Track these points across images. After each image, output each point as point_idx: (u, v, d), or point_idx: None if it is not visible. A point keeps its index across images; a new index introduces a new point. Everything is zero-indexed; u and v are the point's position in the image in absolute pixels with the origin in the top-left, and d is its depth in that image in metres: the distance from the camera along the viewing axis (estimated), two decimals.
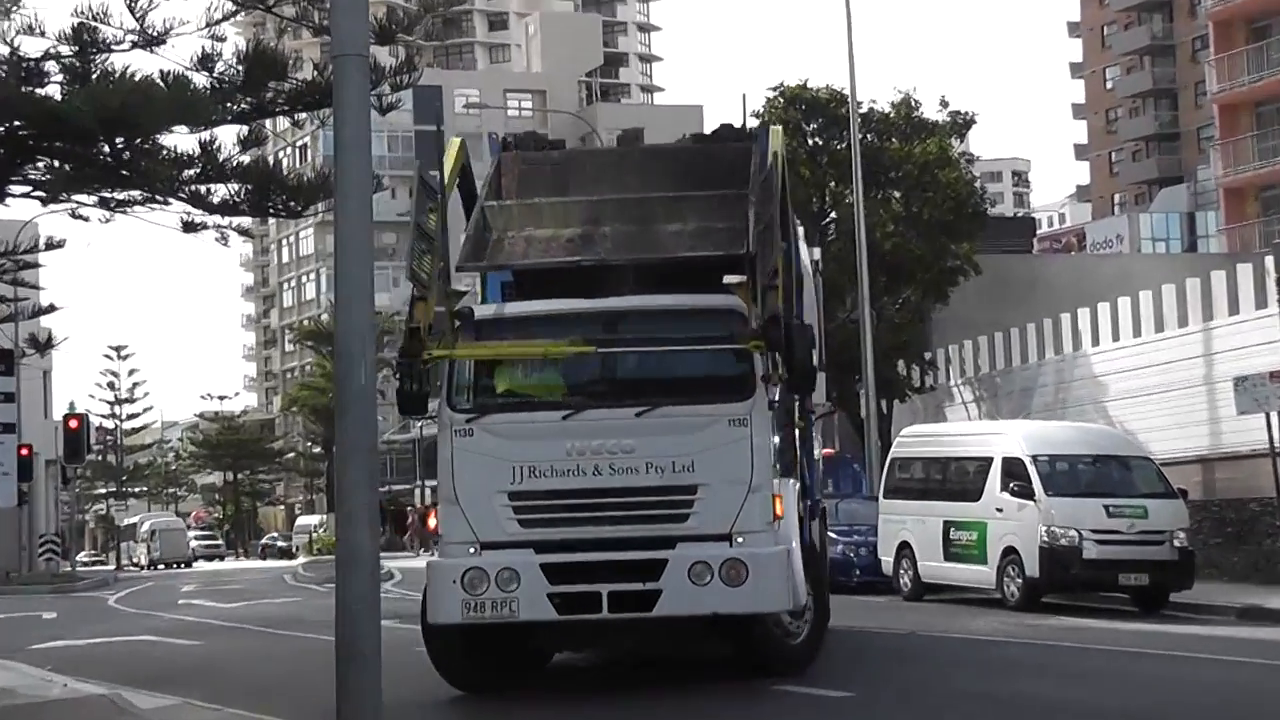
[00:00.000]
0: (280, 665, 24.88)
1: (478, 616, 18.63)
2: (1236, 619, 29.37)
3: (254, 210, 26.76)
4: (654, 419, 19.02)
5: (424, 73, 27.98)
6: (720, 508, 18.76)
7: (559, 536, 18.87)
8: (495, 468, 18.87)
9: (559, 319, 19.61)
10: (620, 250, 20.39)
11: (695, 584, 18.51)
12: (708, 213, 20.63)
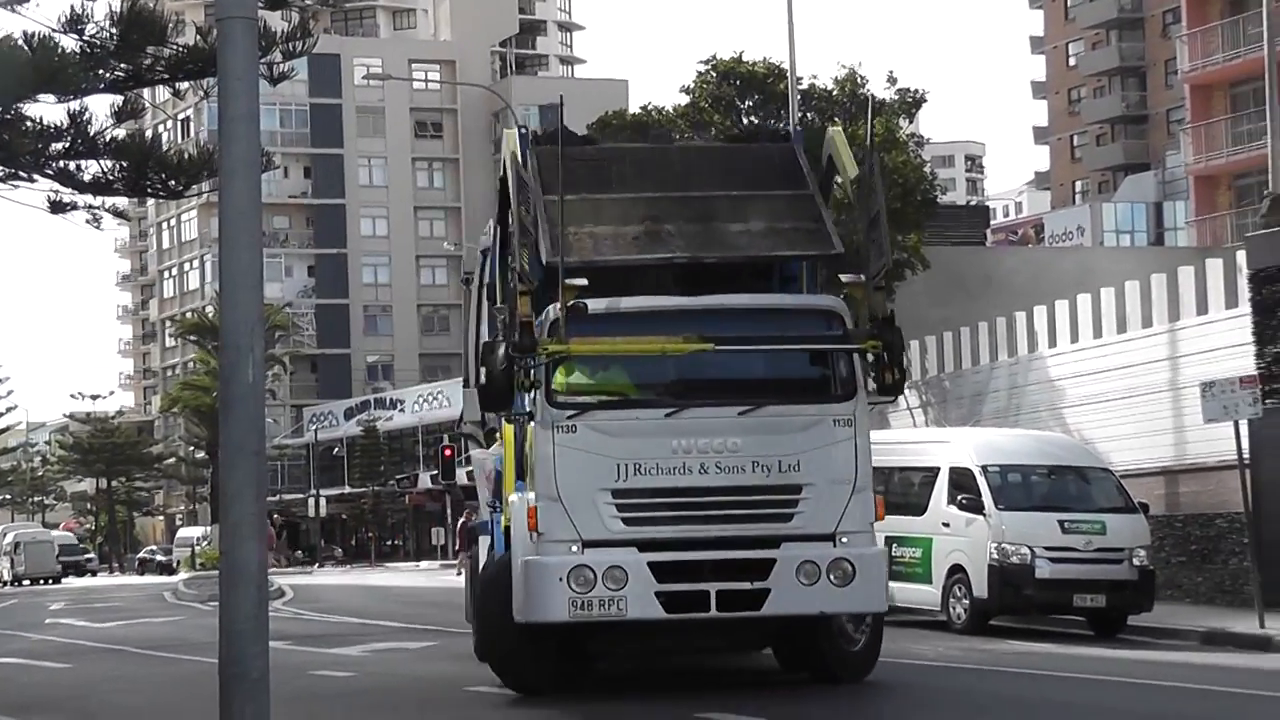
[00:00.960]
0: (159, 690, 24.78)
1: (585, 615, 19.76)
2: (1200, 644, 29.53)
3: (130, 189, 26.71)
4: (759, 418, 20.40)
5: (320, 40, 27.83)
6: (825, 508, 20.25)
7: (664, 535, 20.15)
8: (599, 465, 19.97)
9: (666, 315, 20.81)
10: (694, 247, 21.59)
11: (804, 584, 19.93)
12: (772, 213, 22.14)
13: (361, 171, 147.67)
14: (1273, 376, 35.58)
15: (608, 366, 21.16)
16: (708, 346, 20.37)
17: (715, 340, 20.45)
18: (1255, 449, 32.91)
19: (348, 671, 27.27)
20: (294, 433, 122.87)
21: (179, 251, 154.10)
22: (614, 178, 22.63)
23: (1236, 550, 35.10)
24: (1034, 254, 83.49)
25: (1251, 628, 29.67)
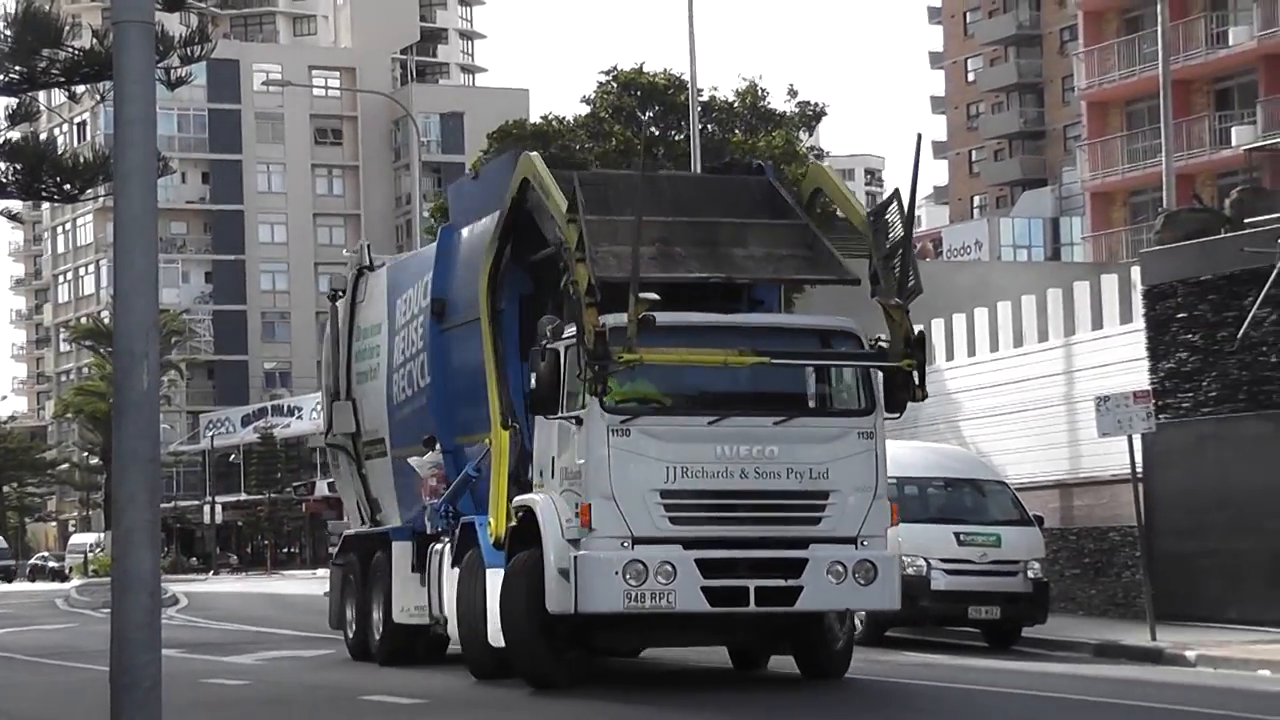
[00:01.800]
0: (49, 699, 24.65)
1: (638, 606, 21.13)
2: (1092, 656, 29.72)
3: (24, 192, 26.59)
4: (791, 428, 22.11)
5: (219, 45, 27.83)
6: (849, 513, 21.94)
7: (707, 534, 21.62)
8: (650, 467, 21.36)
9: (716, 330, 22.63)
10: (709, 268, 23.20)
11: (833, 582, 21.61)
12: (771, 240, 24.06)
13: (260, 178, 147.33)
14: (1166, 392, 35.86)
15: (659, 375, 22.20)
16: (765, 360, 21.90)
17: (769, 354, 22.00)
18: (1148, 463, 33.19)
19: (242, 680, 27.14)
20: (190, 439, 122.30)
21: (74, 256, 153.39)
22: (612, 202, 23.38)
23: (1129, 563, 35.37)
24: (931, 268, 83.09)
25: (1143, 640, 29.89)
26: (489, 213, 25.85)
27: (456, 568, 25.08)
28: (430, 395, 27.39)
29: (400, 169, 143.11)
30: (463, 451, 26.36)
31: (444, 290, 26.91)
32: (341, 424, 30.65)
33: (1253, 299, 34.98)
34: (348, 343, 30.85)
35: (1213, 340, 36.05)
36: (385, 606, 28.17)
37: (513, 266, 24.66)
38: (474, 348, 25.50)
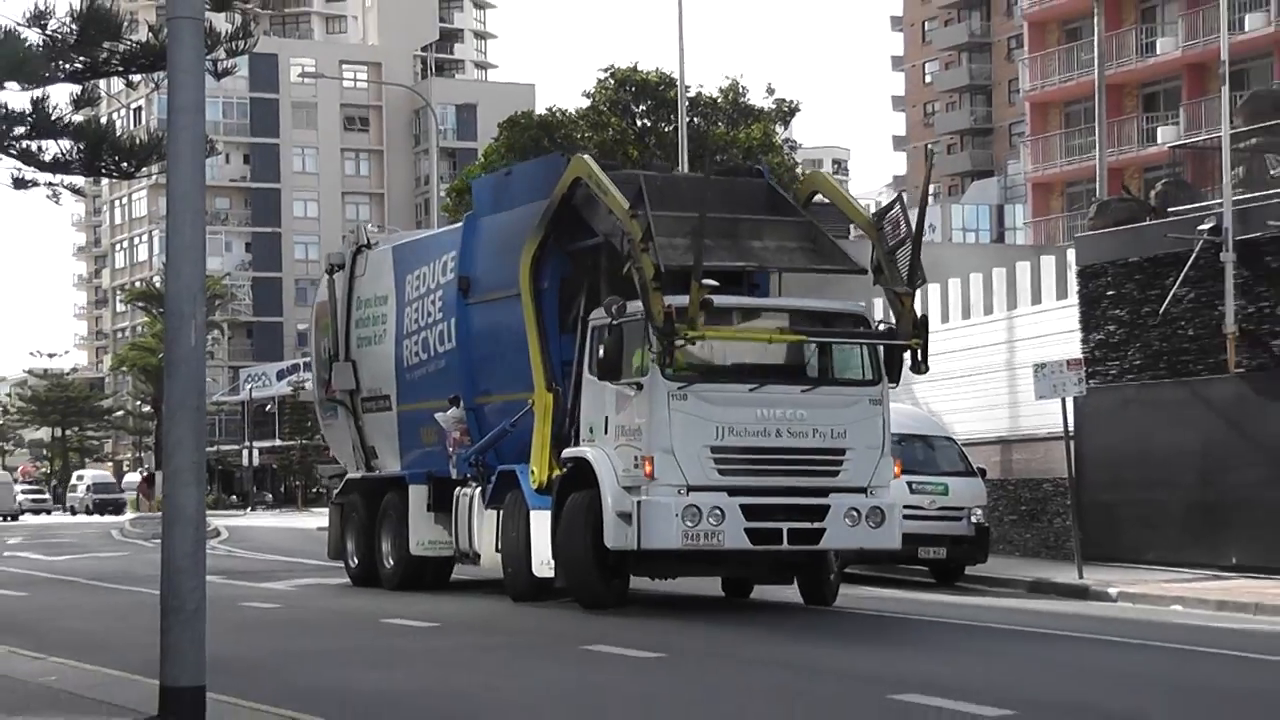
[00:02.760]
0: (106, 618, 24.60)
1: (693, 544, 22.36)
2: (1026, 592, 29.73)
3: (86, 169, 26.45)
4: (817, 394, 23.42)
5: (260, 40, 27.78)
6: (861, 467, 23.26)
7: (749, 484, 22.75)
8: (702, 426, 22.56)
9: (757, 311, 24.32)
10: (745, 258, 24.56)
11: (850, 525, 22.97)
12: (779, 233, 25.10)
13: (295, 159, 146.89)
14: (1095, 360, 35.87)
15: (717, 348, 23.49)
16: (802, 337, 23.79)
17: (807, 334, 23.84)
18: (1079, 423, 33.23)
19: (274, 604, 27.18)
20: (231, 391, 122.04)
21: (130, 227, 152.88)
22: (653, 200, 23.66)
23: (1060, 511, 35.38)
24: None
25: (1071, 578, 29.92)
26: (519, 206, 26.58)
27: (492, 509, 25.88)
28: (452, 359, 27.67)
29: (420, 153, 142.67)
30: (481, 410, 27.00)
31: (470, 270, 27.29)
32: (341, 382, 31.00)
33: (1173, 279, 34.96)
34: (346, 312, 31.11)
35: (1138, 315, 36.03)
36: (397, 540, 28.74)
37: (554, 251, 25.30)
38: (497, 320, 26.47)
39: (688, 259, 22.29)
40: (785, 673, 17.60)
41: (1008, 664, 18.41)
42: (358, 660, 18.81)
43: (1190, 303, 34.89)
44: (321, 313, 32.62)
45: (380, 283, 30.34)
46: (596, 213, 24.18)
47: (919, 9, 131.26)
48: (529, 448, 24.89)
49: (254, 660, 17.73)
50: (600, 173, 24.21)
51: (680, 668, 17.90)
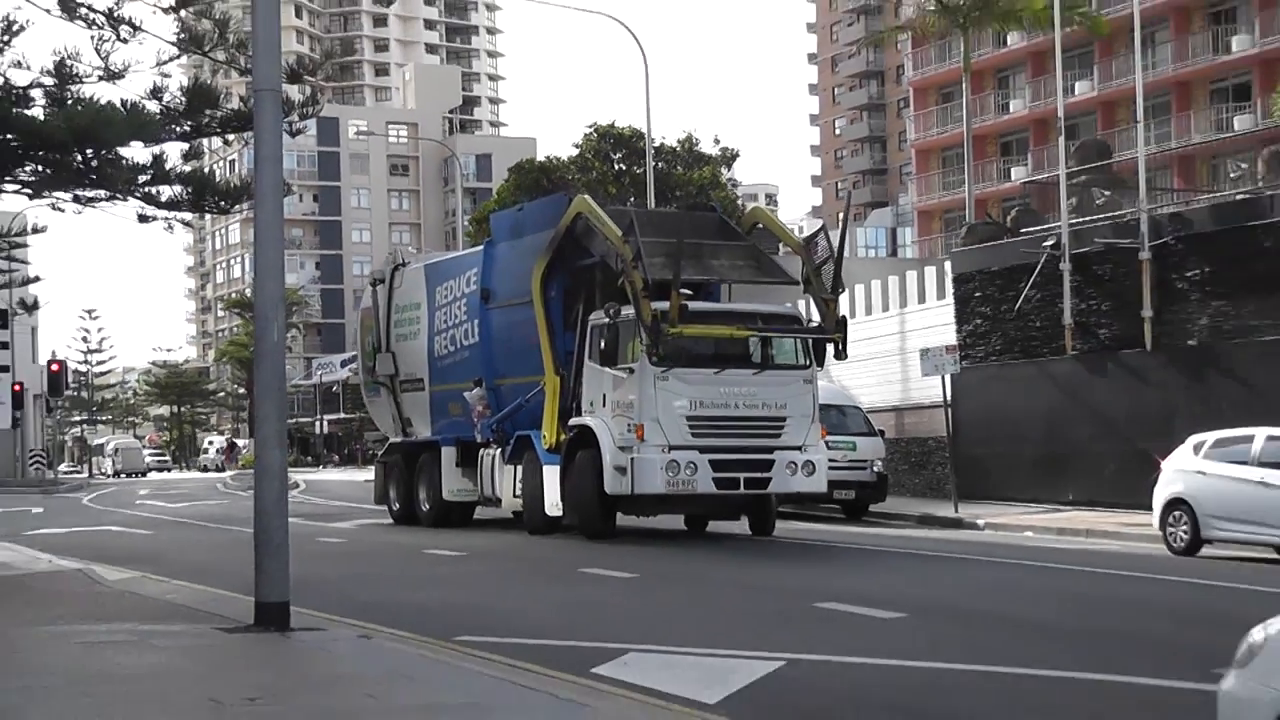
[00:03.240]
0: (214, 551, 24.63)
1: (674, 489, 22.90)
2: (916, 524, 29.91)
3: (193, 207, 26.41)
4: (764, 376, 23.73)
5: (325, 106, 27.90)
6: (797, 431, 23.62)
7: (715, 443, 23.06)
8: (680, 400, 23.00)
9: (719, 314, 24.05)
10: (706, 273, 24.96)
11: (789, 474, 23.45)
12: (731, 254, 25.30)
13: (352, 198, 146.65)
14: (967, 346, 36.03)
15: (684, 343, 23.11)
16: (754, 333, 23.83)
17: (757, 330, 23.83)
18: (954, 394, 33.36)
19: (341, 539, 27.30)
20: (305, 376, 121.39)
21: (227, 251, 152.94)
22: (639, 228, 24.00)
23: (940, 462, 35.54)
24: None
25: (949, 513, 30.16)
26: (528, 234, 26.97)
27: (511, 465, 26.47)
28: (475, 351, 28.00)
29: (448, 192, 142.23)
30: (499, 390, 27.31)
31: (489, 283, 27.71)
32: (384, 368, 31.28)
33: (1025, 284, 35.09)
34: (386, 315, 31.40)
35: (998, 311, 36.17)
36: (432, 488, 29.22)
37: (559, 269, 25.61)
38: (511, 321, 26.92)
39: (667, 273, 22.60)
40: (736, 588, 17.67)
41: (902, 578, 18.49)
42: (403, 581, 18.89)
43: (1037, 302, 35.05)
44: (366, 316, 32.87)
45: (414, 293, 30.57)
46: (594, 239, 24.53)
47: (830, 78, 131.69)
48: (538, 418, 25.39)
49: (326, 582, 17.75)
50: (598, 209, 24.76)
51: (654, 585, 17.92)
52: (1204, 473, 22.71)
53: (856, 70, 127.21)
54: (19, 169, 24.87)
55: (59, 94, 24.26)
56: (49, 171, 24.80)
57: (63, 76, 24.28)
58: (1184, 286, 32.39)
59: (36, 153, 24.57)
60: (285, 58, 16.10)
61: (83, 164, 24.60)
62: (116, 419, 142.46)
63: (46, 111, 24.18)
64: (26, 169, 24.93)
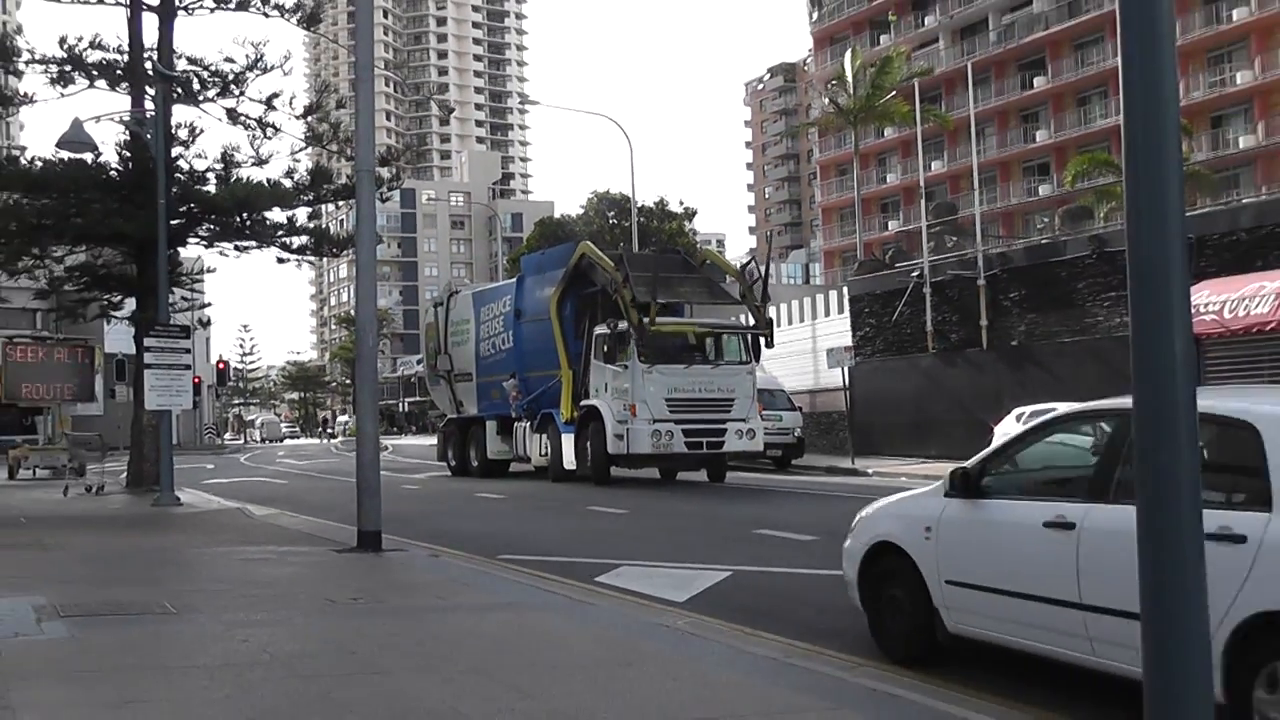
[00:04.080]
0: (329, 494, 24.57)
1: (658, 450, 22.99)
2: (825, 472, 29.74)
3: (315, 252, 26.53)
4: (718, 369, 23.72)
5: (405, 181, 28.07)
6: (742, 408, 23.70)
7: (685, 417, 23.12)
8: (661, 387, 23.03)
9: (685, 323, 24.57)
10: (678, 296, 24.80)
11: (738, 439, 23.59)
12: (694, 283, 25.32)
13: (424, 244, 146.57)
14: (859, 347, 36.01)
15: (664, 344, 23.32)
16: (709, 329, 24.33)
17: (708, 331, 24.31)
18: (851, 381, 33.35)
19: (417, 487, 27.20)
20: (392, 371, 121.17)
21: (338, 282, 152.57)
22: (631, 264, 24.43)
23: (841, 429, 35.52)
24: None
25: (848, 465, 30.03)
26: (550, 270, 26.87)
27: (538, 434, 26.69)
28: (510, 353, 28.08)
29: (492, 240, 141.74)
30: (528, 380, 27.31)
31: (521, 304, 27.87)
32: (443, 366, 31.29)
33: (898, 303, 35.14)
34: (444, 328, 31.50)
35: (881, 322, 36.20)
36: (480, 450, 29.30)
37: (570, 295, 25.71)
38: (536, 332, 26.82)
39: (649, 296, 22.80)
40: (699, 519, 17.60)
41: (816, 511, 18.42)
42: (461, 515, 18.90)
43: (907, 315, 35.09)
44: (429, 329, 33.07)
45: (465, 311, 30.73)
46: (595, 272, 24.69)
47: (761, 158, 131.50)
48: (556, 400, 25.67)
49: (407, 516, 17.75)
50: (597, 250, 25.06)
51: (640, 518, 17.85)
52: None
53: (779, 153, 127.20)
54: (198, 228, 25.03)
55: (225, 175, 24.38)
56: (218, 229, 25.00)
57: (228, 163, 24.50)
58: (1008, 304, 32.49)
59: (210, 216, 24.75)
60: (377, 148, 16.05)
61: (240, 224, 24.75)
62: (262, 401, 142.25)
63: (217, 188, 24.31)
64: (203, 228, 25.12)
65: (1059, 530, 6.39)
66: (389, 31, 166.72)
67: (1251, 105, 54.18)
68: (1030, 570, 6.59)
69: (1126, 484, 6.01)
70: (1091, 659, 6.23)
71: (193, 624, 8.37)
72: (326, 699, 6.15)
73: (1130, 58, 3.72)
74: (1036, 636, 6.61)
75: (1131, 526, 3.76)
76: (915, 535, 7.48)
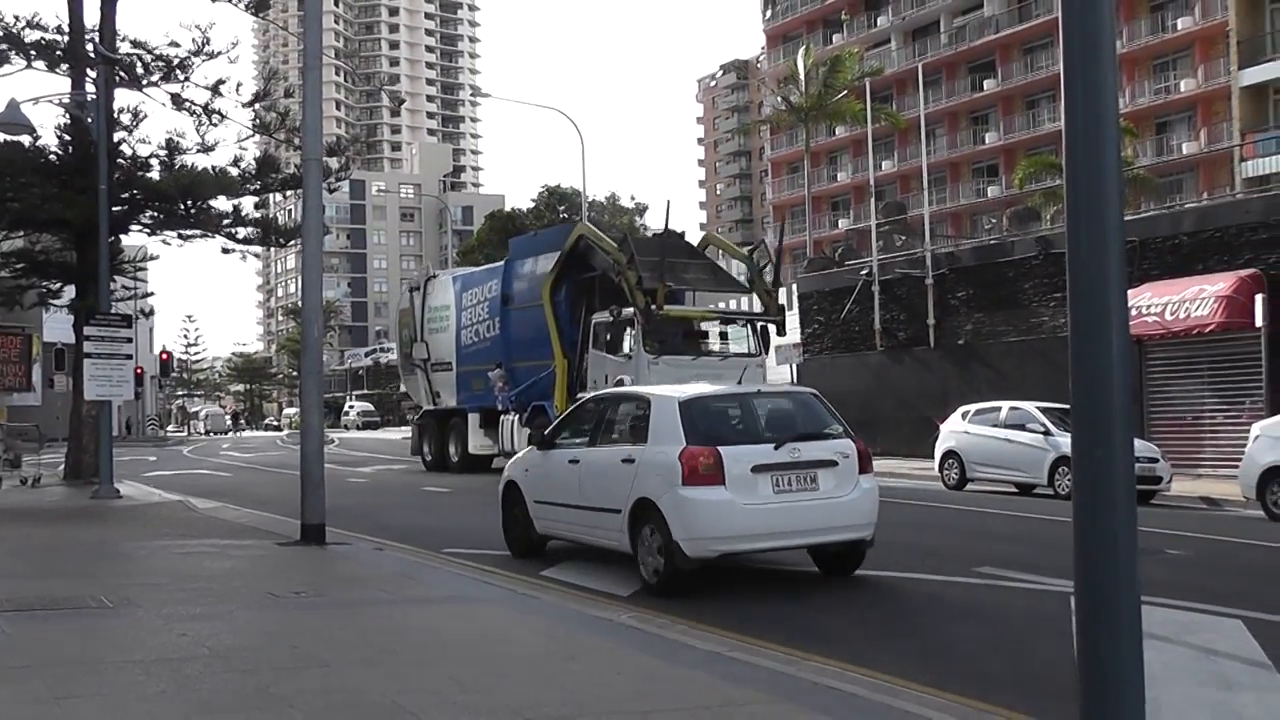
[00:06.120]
0: (273, 487, 24.39)
1: None
2: None
3: (261, 243, 26.26)
4: (726, 361, 22.25)
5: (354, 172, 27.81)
6: None
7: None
8: (667, 380, 20.02)
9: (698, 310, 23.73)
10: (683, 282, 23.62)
11: None
12: (700, 269, 24.15)
13: (374, 236, 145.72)
14: (809, 344, 36.20)
15: (669, 334, 22.03)
16: (716, 315, 23.51)
17: (719, 318, 23.46)
18: (800, 377, 33.46)
19: (363, 480, 26.99)
20: (339, 363, 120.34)
21: (285, 273, 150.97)
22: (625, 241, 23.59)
23: None
24: None
25: None
26: (542, 253, 25.61)
27: (527, 427, 24.79)
28: (496, 341, 26.86)
29: (442, 233, 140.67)
30: (514, 370, 25.98)
31: (509, 290, 26.57)
32: (419, 354, 29.90)
33: (847, 301, 35.37)
34: (421, 313, 30.13)
35: (829, 320, 36.41)
36: (461, 444, 27.78)
37: (564, 280, 24.42)
38: (525, 320, 25.56)
39: (655, 278, 21.80)
40: None
41: None
42: (407, 509, 18.76)
43: (856, 313, 35.32)
44: (404, 315, 31.53)
45: (444, 296, 29.48)
46: (594, 255, 23.60)
47: (713, 155, 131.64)
48: (550, 391, 24.36)
49: (352, 509, 17.63)
50: (597, 231, 24.03)
51: None
52: (969, 432, 23.02)
53: (731, 150, 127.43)
54: (141, 215, 24.71)
55: (170, 162, 24.10)
56: (162, 217, 24.68)
57: (172, 150, 24.16)
58: (955, 303, 32.79)
59: (154, 204, 24.43)
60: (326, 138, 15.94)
61: (185, 212, 24.45)
62: (206, 393, 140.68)
63: (161, 175, 24.03)
64: (147, 215, 24.80)
65: (573, 465, 11.29)
66: (340, 20, 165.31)
67: (1195, 112, 55.03)
68: (562, 489, 11.40)
69: (604, 435, 11.26)
70: (591, 537, 11.17)
71: (130, 618, 8.27)
72: (266, 693, 6.10)
73: (1072, 67, 3.78)
74: (572, 530, 11.47)
75: (605, 459, 10.47)
76: (520, 474, 12.47)
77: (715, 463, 9.74)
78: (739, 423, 10.51)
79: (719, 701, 6.05)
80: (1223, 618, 8.72)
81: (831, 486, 10.19)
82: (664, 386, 12.06)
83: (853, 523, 10.33)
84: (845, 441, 10.52)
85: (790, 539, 10.16)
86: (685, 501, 9.72)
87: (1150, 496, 19.96)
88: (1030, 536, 14.66)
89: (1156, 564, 11.50)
